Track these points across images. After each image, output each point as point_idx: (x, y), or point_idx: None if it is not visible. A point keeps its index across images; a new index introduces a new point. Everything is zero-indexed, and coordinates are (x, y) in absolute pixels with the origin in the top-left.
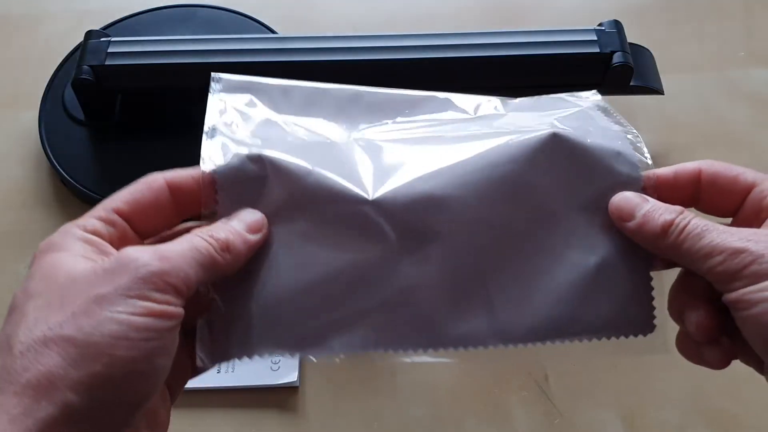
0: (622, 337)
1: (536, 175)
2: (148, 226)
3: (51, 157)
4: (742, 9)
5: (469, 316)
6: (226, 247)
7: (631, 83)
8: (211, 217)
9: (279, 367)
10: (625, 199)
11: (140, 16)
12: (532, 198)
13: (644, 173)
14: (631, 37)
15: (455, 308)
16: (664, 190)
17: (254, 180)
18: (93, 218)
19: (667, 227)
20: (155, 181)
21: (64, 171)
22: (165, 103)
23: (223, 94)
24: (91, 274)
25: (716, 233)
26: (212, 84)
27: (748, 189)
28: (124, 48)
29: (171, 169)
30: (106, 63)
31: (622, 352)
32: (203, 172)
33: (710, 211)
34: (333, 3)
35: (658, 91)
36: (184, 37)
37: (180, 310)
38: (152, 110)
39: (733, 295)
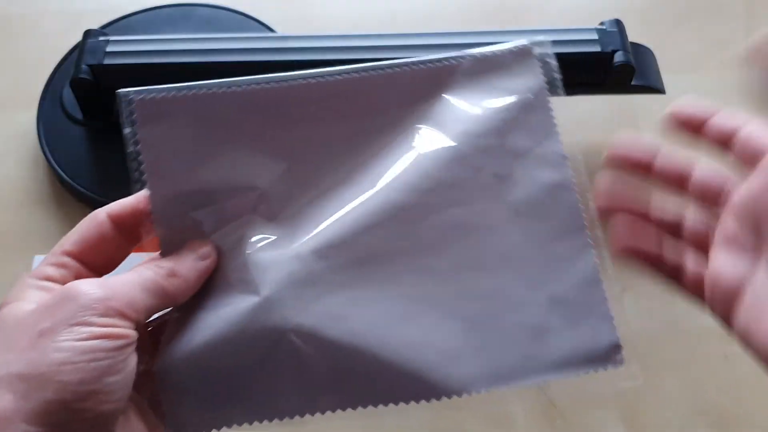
0: (591, 371)
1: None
2: (99, 261)
3: (49, 157)
4: (743, 9)
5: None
6: (172, 273)
7: (633, 83)
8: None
9: None
10: None
11: (139, 15)
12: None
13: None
14: (633, 36)
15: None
16: None
17: (188, 215)
18: (46, 265)
19: None
20: (97, 216)
21: (62, 171)
22: None
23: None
24: (35, 312)
25: None
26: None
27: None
28: (122, 47)
29: None
30: (105, 62)
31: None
32: (143, 199)
33: None
34: (333, 1)
35: (660, 90)
36: (183, 36)
37: (129, 332)
38: None
39: None
